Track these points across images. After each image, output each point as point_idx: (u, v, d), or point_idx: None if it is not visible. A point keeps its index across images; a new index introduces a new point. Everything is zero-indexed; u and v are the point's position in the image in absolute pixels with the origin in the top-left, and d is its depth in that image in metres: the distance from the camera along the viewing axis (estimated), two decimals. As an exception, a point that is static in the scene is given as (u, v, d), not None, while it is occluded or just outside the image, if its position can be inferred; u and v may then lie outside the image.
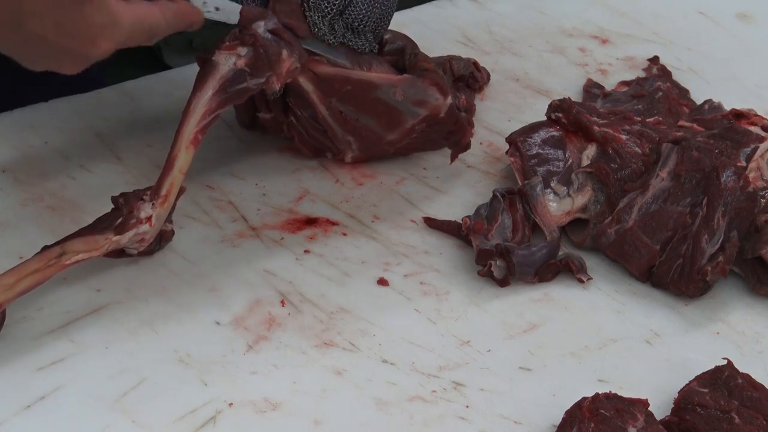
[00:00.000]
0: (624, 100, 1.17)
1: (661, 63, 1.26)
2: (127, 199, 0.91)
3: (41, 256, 0.88)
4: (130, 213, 0.91)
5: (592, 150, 1.05)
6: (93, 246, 0.89)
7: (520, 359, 0.92)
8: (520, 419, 0.87)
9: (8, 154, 1.04)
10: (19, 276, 0.86)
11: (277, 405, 0.86)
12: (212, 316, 0.93)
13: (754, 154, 1.01)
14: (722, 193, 0.98)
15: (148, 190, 0.92)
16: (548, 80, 1.24)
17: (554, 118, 1.08)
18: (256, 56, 0.93)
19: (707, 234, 0.97)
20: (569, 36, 1.33)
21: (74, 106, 1.11)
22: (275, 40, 0.94)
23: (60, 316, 0.91)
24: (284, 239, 1.00)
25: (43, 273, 0.87)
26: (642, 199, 1.00)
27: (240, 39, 0.93)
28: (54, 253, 0.88)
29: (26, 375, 0.86)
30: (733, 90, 1.25)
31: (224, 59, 0.93)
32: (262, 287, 0.96)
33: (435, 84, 1.02)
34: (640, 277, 1.00)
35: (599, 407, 0.84)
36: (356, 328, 0.93)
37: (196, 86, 0.93)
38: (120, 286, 0.94)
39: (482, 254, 0.98)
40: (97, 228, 0.90)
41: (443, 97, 1.02)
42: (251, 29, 0.94)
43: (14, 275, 0.86)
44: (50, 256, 0.87)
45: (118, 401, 0.85)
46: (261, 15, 0.94)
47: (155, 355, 0.89)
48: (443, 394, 0.89)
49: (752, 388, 0.88)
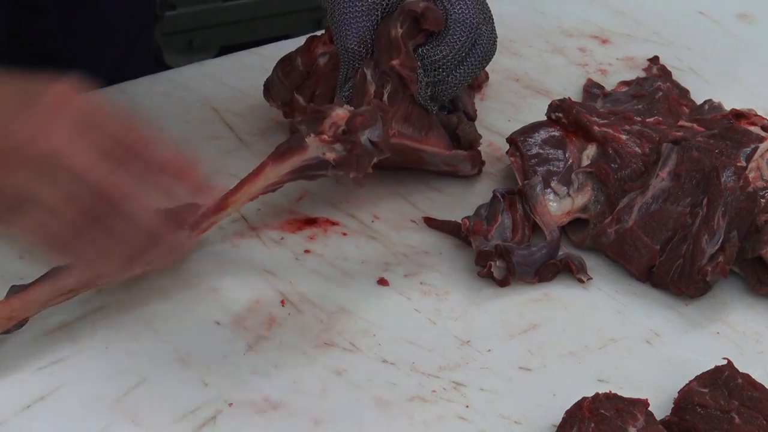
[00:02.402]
0: (624, 100, 1.17)
1: (661, 63, 1.26)
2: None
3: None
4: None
5: (592, 150, 1.05)
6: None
7: (520, 359, 0.92)
8: (520, 419, 0.87)
9: (8, 154, 1.04)
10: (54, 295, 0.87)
11: (277, 405, 0.86)
12: (212, 316, 0.93)
13: (754, 154, 1.01)
14: (722, 193, 0.98)
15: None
16: (548, 80, 1.24)
17: (554, 118, 1.08)
18: (347, 159, 0.93)
19: (707, 234, 0.97)
20: (569, 36, 1.33)
21: (74, 106, 1.10)
22: (373, 150, 0.93)
23: (60, 316, 0.91)
24: (284, 239, 1.00)
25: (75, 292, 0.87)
26: (642, 199, 1.00)
27: (340, 139, 0.93)
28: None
29: (26, 375, 0.86)
30: (733, 90, 1.25)
31: (316, 147, 0.93)
32: (262, 287, 0.96)
33: (472, 159, 1.07)
34: (640, 277, 1.00)
35: (599, 407, 0.84)
36: (356, 328, 0.93)
37: (277, 154, 0.93)
38: (120, 286, 0.94)
39: (482, 255, 0.98)
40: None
41: (474, 170, 1.08)
42: (356, 135, 0.92)
43: (49, 292, 0.86)
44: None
45: (118, 401, 0.85)
46: (370, 123, 0.93)
47: (155, 355, 0.89)
48: (443, 394, 0.89)
49: (752, 388, 0.88)
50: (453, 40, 1.00)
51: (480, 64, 1.03)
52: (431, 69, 1.01)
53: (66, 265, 0.87)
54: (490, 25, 1.04)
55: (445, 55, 1.01)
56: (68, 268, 0.87)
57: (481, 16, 1.02)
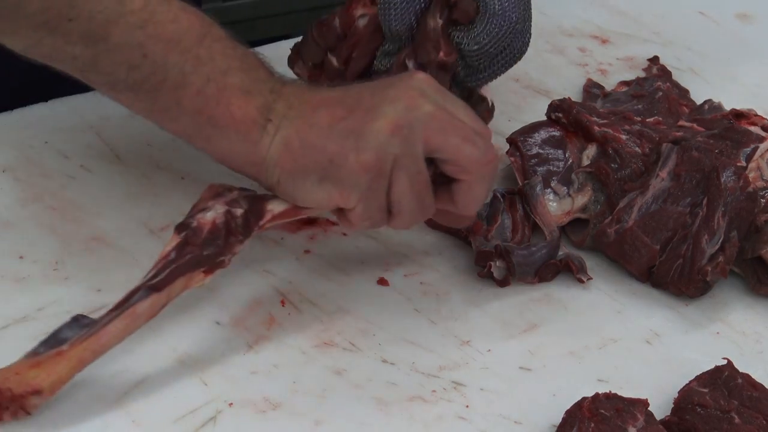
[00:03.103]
0: (624, 100, 1.17)
1: (661, 63, 1.26)
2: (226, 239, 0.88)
3: (151, 301, 0.84)
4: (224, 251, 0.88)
5: (592, 150, 1.05)
6: (193, 281, 0.87)
7: (520, 359, 0.92)
8: (520, 419, 0.87)
9: (8, 154, 1.04)
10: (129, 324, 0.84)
11: (277, 405, 0.86)
12: (212, 316, 0.93)
13: (754, 154, 1.01)
14: (722, 193, 0.98)
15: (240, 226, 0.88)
16: (548, 80, 1.24)
17: (554, 118, 1.08)
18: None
19: (707, 234, 0.97)
20: (569, 36, 1.33)
21: (74, 106, 1.11)
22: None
23: (60, 316, 0.90)
24: (284, 239, 1.00)
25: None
26: (642, 199, 1.00)
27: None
28: (162, 300, 0.85)
29: (26, 375, 0.86)
30: (733, 90, 1.25)
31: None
32: (262, 287, 0.96)
33: None
34: (640, 277, 1.00)
35: (599, 407, 0.84)
36: (356, 328, 0.93)
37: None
38: (120, 286, 0.93)
39: (481, 255, 0.98)
40: (192, 263, 0.87)
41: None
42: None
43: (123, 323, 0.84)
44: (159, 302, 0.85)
45: (118, 401, 0.85)
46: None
47: (155, 355, 0.89)
48: (443, 394, 0.89)
49: (752, 388, 0.88)
50: (490, 30, 1.00)
51: (514, 60, 1.03)
52: (468, 57, 1.01)
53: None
54: (529, 22, 1.03)
55: (483, 46, 1.00)
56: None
57: (522, 12, 1.02)
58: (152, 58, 0.85)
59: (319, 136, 0.86)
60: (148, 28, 0.84)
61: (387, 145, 0.85)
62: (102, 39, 0.83)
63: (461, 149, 0.87)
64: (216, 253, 0.86)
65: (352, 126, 0.86)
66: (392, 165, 0.86)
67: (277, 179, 0.87)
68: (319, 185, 0.86)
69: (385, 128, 0.85)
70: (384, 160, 0.85)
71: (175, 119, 0.88)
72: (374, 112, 0.86)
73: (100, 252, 0.96)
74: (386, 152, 0.85)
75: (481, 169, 0.88)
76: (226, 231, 0.87)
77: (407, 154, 0.86)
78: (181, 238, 0.87)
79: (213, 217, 0.87)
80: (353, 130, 0.85)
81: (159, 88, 0.86)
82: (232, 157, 0.89)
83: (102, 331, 0.82)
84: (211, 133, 0.87)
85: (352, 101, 0.87)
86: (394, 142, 0.85)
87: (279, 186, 0.88)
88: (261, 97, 0.87)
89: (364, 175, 0.85)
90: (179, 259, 0.86)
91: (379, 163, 0.85)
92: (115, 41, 0.84)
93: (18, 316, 0.90)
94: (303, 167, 0.86)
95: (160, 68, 0.85)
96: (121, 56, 0.84)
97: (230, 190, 0.89)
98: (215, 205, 0.88)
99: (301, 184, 0.87)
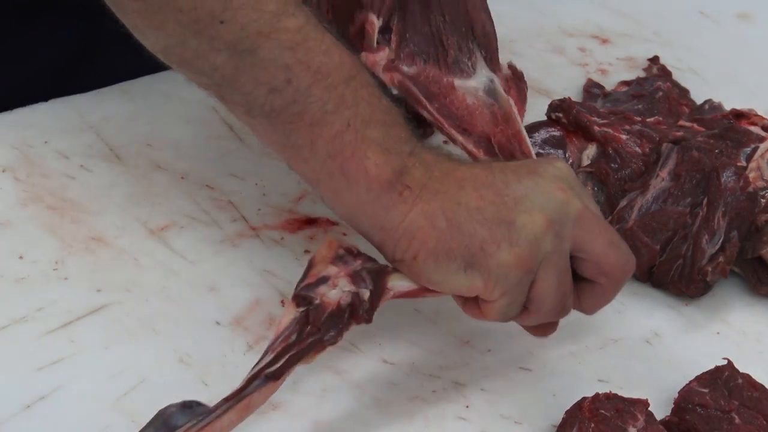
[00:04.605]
0: (624, 100, 1.17)
1: (661, 63, 1.26)
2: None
3: (268, 390, 0.80)
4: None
5: (592, 150, 1.05)
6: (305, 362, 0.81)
7: (520, 359, 0.92)
8: (520, 419, 0.87)
9: (8, 154, 1.04)
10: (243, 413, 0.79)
11: (277, 405, 0.86)
12: (212, 316, 0.93)
13: (754, 154, 1.01)
14: (722, 193, 0.98)
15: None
16: (548, 80, 1.24)
17: (554, 118, 1.08)
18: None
19: (707, 234, 0.97)
20: (569, 36, 1.33)
21: (74, 106, 1.11)
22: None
23: (60, 316, 0.91)
24: (284, 239, 1.00)
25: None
26: (642, 199, 1.00)
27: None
28: (277, 387, 0.80)
29: (26, 375, 0.86)
30: (733, 90, 1.24)
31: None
32: (262, 287, 0.96)
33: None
34: (640, 277, 1.00)
35: (599, 407, 0.84)
36: (356, 328, 0.93)
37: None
38: (120, 286, 0.94)
39: (482, 254, 0.98)
40: (311, 347, 0.81)
41: None
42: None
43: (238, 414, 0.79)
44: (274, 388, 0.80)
45: (118, 401, 0.85)
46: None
47: (155, 355, 0.89)
48: (443, 394, 0.89)
49: (752, 388, 0.88)
50: None
51: None
52: None
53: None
54: None
55: None
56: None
57: None
58: (296, 86, 0.79)
59: (469, 219, 0.80)
60: (299, 52, 0.79)
61: (541, 241, 0.81)
62: (249, 51, 0.78)
63: (608, 254, 0.83)
64: (335, 336, 0.81)
65: (504, 215, 0.81)
66: (541, 261, 0.82)
67: (414, 255, 0.81)
68: (464, 272, 0.81)
69: (541, 223, 0.81)
70: (536, 256, 0.81)
71: (306, 160, 0.81)
72: (525, 202, 0.81)
73: (100, 252, 0.96)
74: (539, 248, 0.81)
75: (621, 276, 0.85)
76: (350, 314, 0.81)
77: (557, 251, 0.82)
78: (301, 314, 0.81)
79: (338, 298, 0.81)
80: (504, 219, 0.80)
81: (295, 121, 0.80)
82: (359, 217, 0.82)
83: (217, 422, 0.77)
84: (340, 185, 0.81)
85: (500, 184, 0.82)
86: (548, 238, 0.81)
87: (414, 262, 0.81)
88: (399, 158, 0.81)
89: (515, 270, 0.80)
90: (300, 344, 0.80)
91: (531, 259, 0.81)
92: (262, 56, 0.78)
93: (18, 316, 0.90)
94: (449, 249, 0.80)
95: (301, 98, 0.79)
96: (264, 75, 0.79)
97: (352, 253, 0.83)
98: (339, 278, 0.82)
99: (445, 266, 0.81)
